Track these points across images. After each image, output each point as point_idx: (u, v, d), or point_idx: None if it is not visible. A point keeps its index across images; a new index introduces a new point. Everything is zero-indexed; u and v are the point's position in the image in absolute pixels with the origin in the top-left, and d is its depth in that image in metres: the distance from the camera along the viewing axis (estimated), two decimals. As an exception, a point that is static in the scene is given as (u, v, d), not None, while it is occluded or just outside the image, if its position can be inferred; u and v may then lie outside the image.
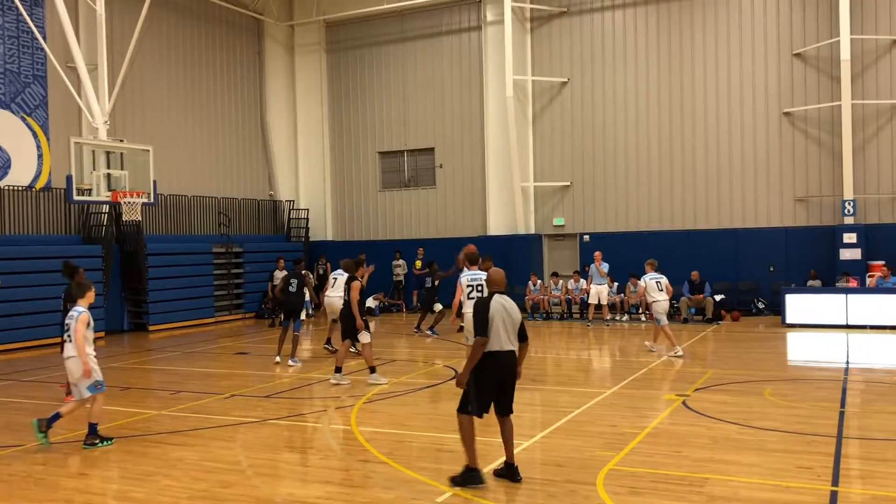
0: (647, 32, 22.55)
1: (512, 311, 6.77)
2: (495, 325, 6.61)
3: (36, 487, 7.08)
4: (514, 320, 6.76)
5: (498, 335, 6.63)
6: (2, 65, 18.64)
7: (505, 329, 6.66)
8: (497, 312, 6.65)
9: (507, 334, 6.68)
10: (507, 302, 6.78)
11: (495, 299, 6.75)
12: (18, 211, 18.71)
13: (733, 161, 21.70)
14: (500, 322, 6.63)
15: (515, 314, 6.80)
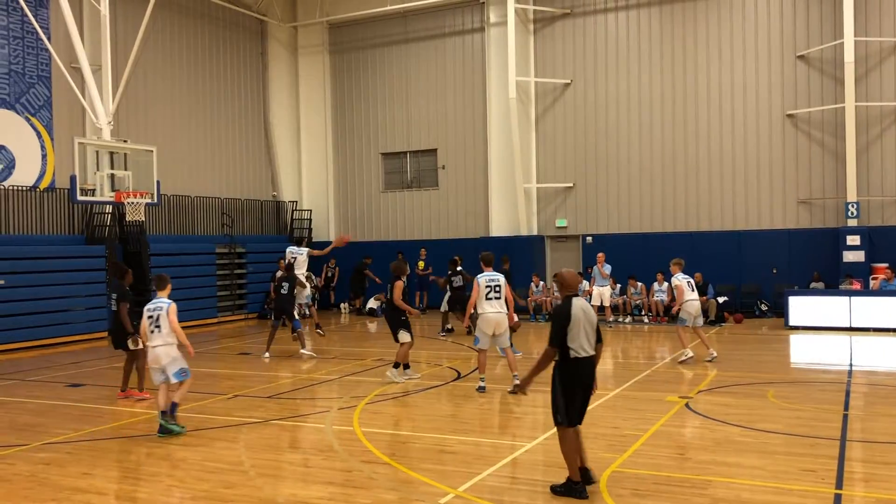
0: (651, 34, 22.55)
1: (590, 313, 6.54)
2: (579, 333, 6.37)
3: (39, 487, 7.09)
4: (592, 322, 6.54)
5: (582, 341, 6.39)
6: (6, 65, 18.68)
7: (586, 333, 6.43)
8: (578, 317, 6.39)
9: (588, 338, 6.46)
10: (584, 304, 6.56)
11: (575, 304, 6.46)
12: (22, 211, 18.74)
13: (736, 163, 21.68)
14: (582, 328, 6.39)
15: (593, 317, 6.59)
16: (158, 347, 9.09)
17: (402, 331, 11.99)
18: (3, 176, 18.57)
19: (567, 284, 6.69)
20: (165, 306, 9.15)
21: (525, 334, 18.09)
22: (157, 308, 9.16)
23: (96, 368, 14.63)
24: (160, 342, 9.08)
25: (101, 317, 19.21)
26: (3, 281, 17.19)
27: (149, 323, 9.16)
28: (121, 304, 11.23)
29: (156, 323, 9.09)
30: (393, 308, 12.08)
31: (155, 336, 9.09)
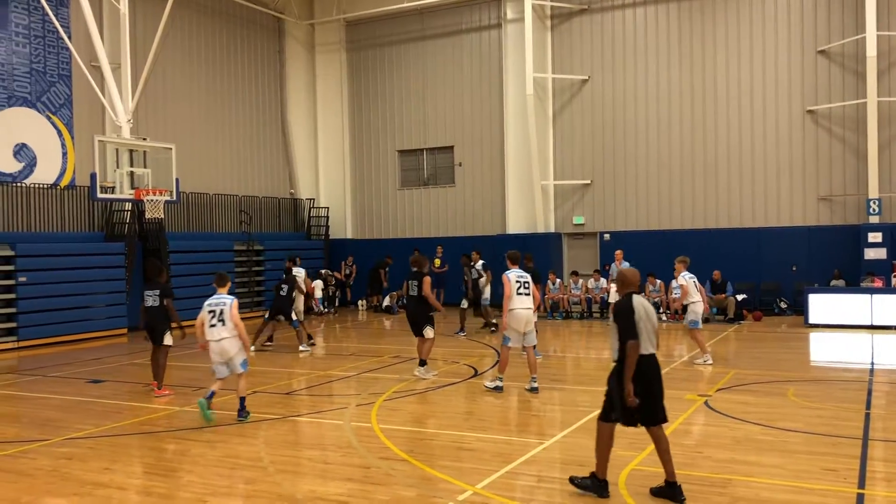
0: (669, 29, 22.41)
1: (651, 312, 6.42)
2: (643, 327, 6.25)
3: (61, 482, 7.16)
4: (654, 322, 6.41)
5: (645, 337, 6.26)
6: (28, 64, 18.86)
7: (648, 331, 6.30)
8: (641, 313, 6.29)
9: (650, 336, 6.32)
10: (646, 302, 6.46)
11: (637, 300, 6.37)
12: (43, 208, 18.93)
13: (755, 159, 21.52)
14: (644, 323, 6.29)
15: (654, 315, 6.47)
16: (224, 340, 9.44)
17: (428, 326, 12.05)
18: (25, 174, 18.76)
19: (628, 282, 6.57)
20: (229, 301, 9.55)
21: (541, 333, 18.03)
22: (221, 303, 9.51)
23: (116, 365, 14.76)
24: (226, 335, 9.43)
25: (120, 314, 19.39)
26: (25, 278, 17.38)
27: (210, 317, 9.46)
28: (167, 301, 11.53)
29: (219, 317, 9.43)
30: (421, 302, 12.05)
31: (219, 329, 9.42)
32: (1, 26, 18.33)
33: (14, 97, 18.57)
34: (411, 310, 12.37)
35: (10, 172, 18.45)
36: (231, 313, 9.44)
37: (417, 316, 12.16)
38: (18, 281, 17.32)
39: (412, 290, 12.19)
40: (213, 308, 9.52)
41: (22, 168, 18.72)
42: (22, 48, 18.75)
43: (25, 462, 7.84)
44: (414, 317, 12.25)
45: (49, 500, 6.74)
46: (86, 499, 6.66)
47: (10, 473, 7.46)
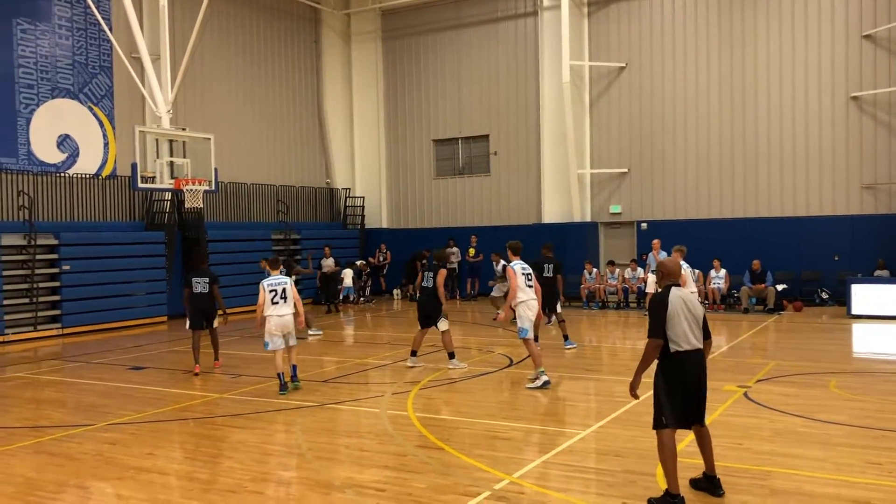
0: (708, 15, 22.03)
1: (693, 304, 6.08)
2: (679, 323, 5.92)
3: (106, 466, 7.32)
4: (697, 315, 6.06)
5: (683, 333, 5.92)
6: (70, 56, 19.20)
7: (689, 326, 5.96)
8: (678, 309, 5.95)
9: (692, 331, 5.97)
10: (686, 294, 6.09)
11: (674, 294, 6.02)
12: (85, 198, 19.30)
13: (797, 147, 21.11)
14: (682, 319, 5.94)
15: (697, 308, 6.10)
16: (286, 316, 10.58)
17: (443, 318, 12.01)
18: (68, 164, 19.13)
19: (668, 273, 6.24)
20: (288, 281, 10.83)
21: (576, 322, 17.99)
22: (280, 283, 10.67)
23: (157, 352, 15.02)
24: (287, 311, 10.57)
25: (160, 301, 19.73)
26: (69, 266, 17.75)
27: (272, 296, 10.54)
28: (215, 287, 12.45)
29: (282, 295, 10.57)
30: (434, 295, 12.01)
31: (282, 306, 10.55)
32: (45, 19, 18.68)
33: (57, 89, 18.92)
34: (425, 301, 12.22)
35: (53, 163, 18.83)
36: (291, 291, 10.66)
37: (430, 308, 12.06)
38: (62, 269, 17.69)
39: (427, 281, 12.13)
40: (275, 287, 10.60)
41: (65, 158, 19.09)
42: (65, 41, 19.09)
43: (71, 446, 8.02)
44: (426, 309, 12.11)
45: (94, 483, 6.90)
46: (129, 483, 6.80)
47: (57, 457, 7.65)
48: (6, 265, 16.79)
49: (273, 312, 10.52)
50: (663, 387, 5.95)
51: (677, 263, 6.33)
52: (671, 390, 5.94)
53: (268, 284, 10.65)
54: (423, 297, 12.26)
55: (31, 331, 17.15)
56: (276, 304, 10.55)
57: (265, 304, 10.54)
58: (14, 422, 9.40)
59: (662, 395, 5.95)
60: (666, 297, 6.01)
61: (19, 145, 18.15)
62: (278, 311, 10.53)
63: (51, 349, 15.83)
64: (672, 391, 5.93)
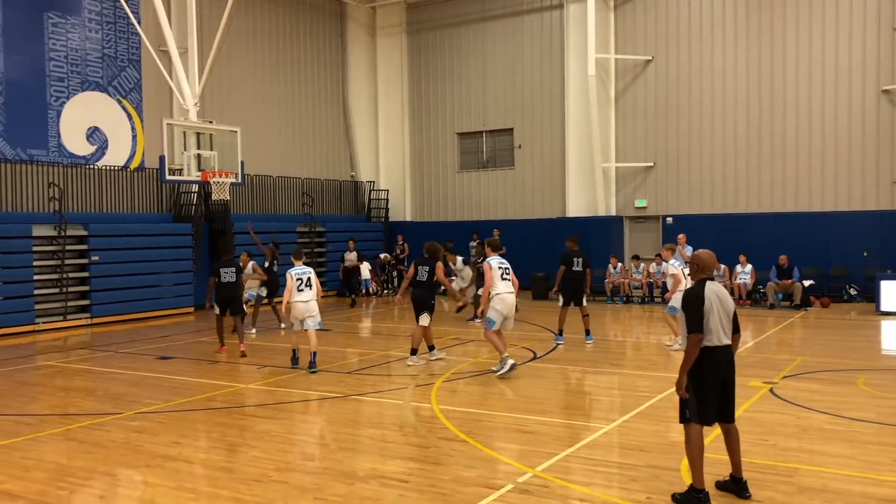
0: (736, 7, 21.77)
1: (726, 299, 5.97)
2: (712, 318, 5.82)
3: (134, 454, 7.43)
4: (729, 310, 5.97)
5: (717, 328, 5.84)
6: (100, 49, 19.42)
7: (721, 321, 5.87)
8: (713, 303, 5.85)
9: (723, 326, 5.89)
10: (720, 289, 5.98)
11: (709, 288, 5.91)
12: (114, 190, 19.54)
13: (826, 141, 20.82)
14: (716, 313, 5.85)
15: (729, 303, 6.00)
16: (311, 301, 11.66)
17: (426, 313, 11.87)
18: (97, 156, 19.37)
19: (703, 266, 6.07)
20: (312, 270, 11.90)
21: (600, 317, 17.93)
22: (305, 272, 11.74)
23: (184, 342, 15.19)
24: (310, 297, 11.66)
25: (187, 293, 19.94)
26: (98, 257, 17.99)
27: (298, 283, 11.62)
28: (241, 277, 13.45)
29: (307, 283, 11.67)
30: (427, 288, 11.88)
31: (307, 293, 11.65)
32: (75, 13, 18.90)
33: (87, 82, 19.16)
34: (417, 295, 11.97)
35: (83, 155, 19.07)
36: (315, 280, 11.78)
37: (422, 301, 11.88)
38: (91, 260, 17.94)
39: (421, 275, 11.93)
40: (301, 276, 11.68)
41: (94, 151, 19.34)
42: (94, 34, 19.31)
43: (100, 434, 8.15)
44: (420, 302, 11.90)
45: (123, 471, 7.01)
46: (156, 471, 6.90)
47: (87, 444, 7.78)
48: (37, 255, 17.06)
49: (298, 298, 11.60)
50: (692, 382, 5.85)
51: (712, 256, 6.13)
52: (698, 386, 5.85)
53: (295, 273, 11.65)
54: (419, 291, 11.95)
55: (60, 320, 17.41)
56: (302, 291, 11.62)
57: (292, 290, 11.56)
58: (45, 409, 9.58)
59: (689, 389, 5.86)
60: (702, 291, 5.88)
61: (50, 137, 18.41)
62: (302, 298, 11.60)
63: (80, 338, 16.07)
64: (699, 387, 5.84)
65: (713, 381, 5.85)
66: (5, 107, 17.55)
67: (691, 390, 5.85)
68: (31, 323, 16.78)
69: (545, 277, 22.42)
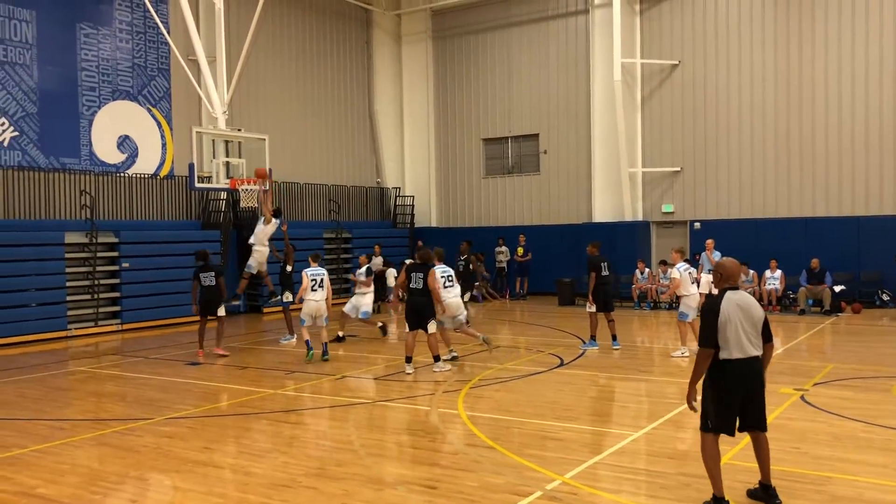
0: (764, 10, 21.57)
1: (749, 308, 5.73)
2: (730, 330, 5.63)
3: (164, 458, 7.52)
4: (754, 319, 5.73)
5: (736, 340, 5.64)
6: (130, 59, 19.72)
7: (744, 331, 5.66)
8: (731, 315, 5.65)
9: (748, 337, 5.68)
10: (742, 299, 5.76)
11: (727, 299, 5.72)
12: (144, 198, 19.81)
13: (856, 144, 20.54)
14: (736, 325, 5.64)
15: (755, 312, 5.75)
16: (320, 301, 12.94)
17: (433, 320, 11.76)
18: (128, 164, 19.65)
19: (727, 275, 5.89)
20: (325, 272, 13.26)
21: (628, 323, 17.82)
22: (321, 273, 13.15)
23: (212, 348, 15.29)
24: (320, 297, 12.95)
25: (216, 299, 20.08)
26: (128, 264, 18.23)
27: (312, 283, 12.89)
28: (220, 279, 13.82)
29: (320, 284, 13.01)
30: (426, 295, 11.72)
31: (319, 293, 12.94)
32: (106, 24, 19.22)
33: (118, 91, 19.45)
34: (417, 302, 11.78)
35: (114, 163, 19.36)
36: (327, 282, 13.13)
37: (426, 309, 11.71)
38: (122, 267, 18.18)
39: (416, 283, 11.75)
40: (315, 277, 12.98)
41: (125, 159, 19.62)
42: (125, 44, 19.61)
43: (132, 439, 8.26)
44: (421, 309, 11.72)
45: (154, 475, 7.09)
46: (186, 476, 6.97)
47: (118, 449, 7.88)
48: (69, 262, 17.33)
49: (310, 297, 12.88)
50: (710, 392, 5.77)
51: (736, 265, 5.96)
52: (718, 397, 5.74)
53: (310, 273, 13.02)
54: (413, 298, 11.86)
55: (92, 326, 17.67)
56: (315, 291, 12.91)
57: (307, 289, 12.83)
58: (77, 414, 9.72)
59: (709, 399, 5.77)
60: (718, 303, 5.72)
61: (82, 146, 18.71)
62: (314, 297, 12.91)
63: (111, 344, 16.29)
64: (719, 398, 5.73)
65: (734, 393, 5.70)
66: (39, 116, 17.88)
67: (710, 399, 5.76)
68: (63, 329, 17.05)
69: (571, 284, 22.38)
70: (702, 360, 5.72)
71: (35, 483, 6.83)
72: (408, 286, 12.00)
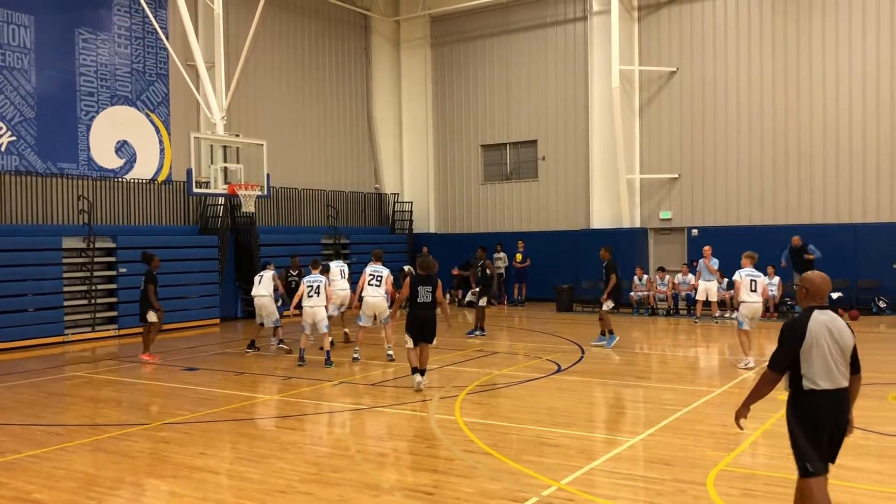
0: (762, 17, 21.64)
1: (841, 332, 4.94)
2: (818, 356, 4.86)
3: (160, 464, 7.51)
4: (843, 346, 4.93)
5: (824, 368, 4.86)
6: (129, 64, 19.74)
7: (832, 360, 4.87)
8: (819, 338, 4.87)
9: (836, 366, 4.88)
10: (833, 321, 4.94)
11: (815, 319, 4.92)
12: (142, 203, 19.80)
13: (853, 152, 20.58)
14: (825, 350, 4.86)
15: (846, 337, 4.96)
16: (317, 307, 12.98)
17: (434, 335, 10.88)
18: (126, 169, 19.65)
19: (814, 291, 5.06)
20: (324, 280, 13.33)
21: (626, 329, 17.83)
22: (318, 280, 13.16)
23: (210, 353, 15.32)
24: (320, 303, 13.02)
25: (213, 304, 20.12)
26: (125, 269, 18.21)
27: (308, 290, 13.00)
28: (148, 286, 13.86)
29: (316, 290, 13.03)
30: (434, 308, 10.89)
31: (315, 300, 12.98)
32: (105, 29, 19.24)
33: (116, 96, 19.47)
34: (423, 316, 10.76)
35: (112, 168, 19.36)
36: (327, 289, 13.24)
37: (432, 323, 10.80)
38: (119, 272, 18.17)
39: (425, 296, 10.75)
40: (311, 284, 13.06)
41: (123, 164, 19.62)
42: (123, 49, 19.63)
43: (128, 444, 8.25)
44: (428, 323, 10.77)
45: (150, 480, 7.08)
46: (183, 481, 6.96)
47: (114, 454, 7.87)
48: (67, 267, 17.32)
49: (307, 304, 12.97)
50: (800, 429, 4.93)
51: (826, 280, 5.12)
52: (811, 433, 4.90)
53: (307, 280, 13.14)
54: (423, 311, 10.76)
55: (89, 331, 17.64)
56: (311, 297, 12.96)
57: (303, 295, 12.99)
58: (74, 419, 9.70)
59: (801, 438, 4.93)
60: (805, 323, 4.90)
61: (80, 151, 18.71)
62: (311, 304, 12.96)
63: (108, 349, 16.27)
64: (812, 434, 4.91)
65: (820, 429, 4.92)
66: (37, 121, 17.88)
67: (803, 438, 4.92)
68: (60, 334, 17.02)
69: (569, 290, 22.38)
70: (765, 383, 5.04)
71: (31, 488, 6.81)
72: (412, 299, 10.85)
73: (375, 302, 13.24)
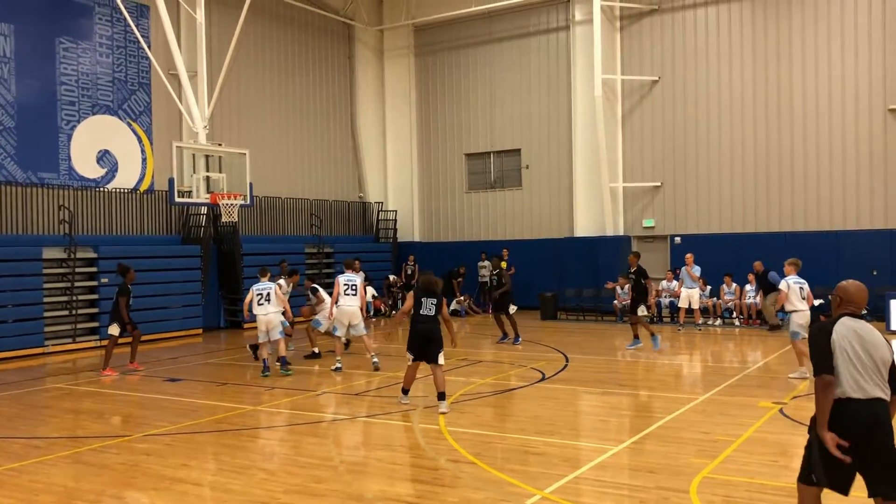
0: (742, 27, 21.86)
1: (874, 341, 4.73)
2: (843, 360, 4.67)
3: (142, 476, 7.43)
4: (877, 356, 4.70)
5: (850, 375, 4.66)
6: (111, 73, 19.63)
7: (861, 365, 4.67)
8: (845, 342, 4.71)
9: (867, 373, 4.67)
10: (864, 328, 4.79)
11: (842, 324, 4.79)
12: (124, 212, 19.65)
13: (834, 160, 20.80)
14: (851, 355, 4.68)
15: (880, 347, 4.72)
16: (270, 314, 12.93)
17: (441, 351, 10.20)
18: (107, 179, 19.51)
19: (847, 299, 4.95)
20: (273, 286, 13.16)
21: (610, 337, 17.87)
22: (267, 288, 13.06)
23: (192, 364, 15.20)
24: (272, 310, 12.96)
25: (196, 314, 19.98)
26: (107, 279, 18.05)
27: (258, 298, 12.94)
28: (120, 299, 13.64)
29: (266, 298, 12.97)
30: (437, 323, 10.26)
31: (266, 307, 12.92)
32: (86, 38, 19.13)
33: (98, 105, 19.35)
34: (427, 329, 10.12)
35: (93, 178, 19.22)
36: (277, 295, 13.09)
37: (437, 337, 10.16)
38: (101, 282, 18.01)
39: (428, 309, 10.14)
40: (261, 291, 13.02)
41: (104, 174, 19.48)
42: (105, 58, 19.52)
43: (108, 456, 8.15)
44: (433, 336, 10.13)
45: (130, 493, 7.00)
46: (164, 493, 6.89)
47: (94, 467, 7.78)
48: (47, 278, 17.14)
49: (258, 312, 12.95)
50: (817, 438, 4.73)
51: (862, 289, 4.98)
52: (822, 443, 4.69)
53: (255, 289, 13.11)
54: (425, 325, 10.11)
55: (70, 342, 17.46)
56: (261, 306, 12.95)
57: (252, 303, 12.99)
58: (53, 432, 9.59)
59: (815, 447, 4.78)
60: (830, 326, 4.80)
61: (61, 160, 18.56)
62: (262, 311, 12.94)
63: (89, 360, 16.10)
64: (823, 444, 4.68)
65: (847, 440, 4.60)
66: (17, 131, 17.73)
67: (817, 447, 4.74)
68: (40, 345, 16.83)
69: (553, 298, 22.42)
70: (821, 392, 4.68)
71: (9, 502, 6.71)
72: (415, 311, 10.22)
73: (352, 311, 13.20)
